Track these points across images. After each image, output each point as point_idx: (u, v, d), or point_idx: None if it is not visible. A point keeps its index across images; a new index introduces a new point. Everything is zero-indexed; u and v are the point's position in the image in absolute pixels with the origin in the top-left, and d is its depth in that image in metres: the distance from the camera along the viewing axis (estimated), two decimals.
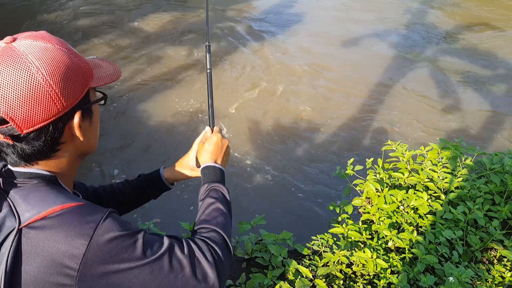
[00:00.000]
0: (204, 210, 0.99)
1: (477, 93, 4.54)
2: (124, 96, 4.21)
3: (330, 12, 6.60)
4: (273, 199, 3.12)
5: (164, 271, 0.77)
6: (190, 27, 5.81)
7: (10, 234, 0.70)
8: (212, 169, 1.12)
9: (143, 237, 0.78)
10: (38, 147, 0.77)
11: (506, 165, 2.18)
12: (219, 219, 0.96)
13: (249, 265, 1.97)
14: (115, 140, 3.62)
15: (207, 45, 1.39)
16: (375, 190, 2.04)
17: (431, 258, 1.76)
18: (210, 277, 0.82)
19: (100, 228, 0.72)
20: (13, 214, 0.71)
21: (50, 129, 0.77)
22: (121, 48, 5.13)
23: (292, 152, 3.59)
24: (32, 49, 0.74)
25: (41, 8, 6.08)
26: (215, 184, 1.07)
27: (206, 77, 1.33)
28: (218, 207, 0.99)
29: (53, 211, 0.72)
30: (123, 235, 0.75)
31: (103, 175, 3.24)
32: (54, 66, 0.74)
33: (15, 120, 0.72)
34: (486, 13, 6.65)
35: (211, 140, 1.18)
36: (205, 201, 1.02)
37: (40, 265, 0.69)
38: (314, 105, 4.21)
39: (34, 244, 0.70)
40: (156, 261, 0.77)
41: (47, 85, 0.73)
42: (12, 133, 0.74)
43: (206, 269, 0.82)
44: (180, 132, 3.74)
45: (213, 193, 1.04)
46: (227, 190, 1.07)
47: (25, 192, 0.75)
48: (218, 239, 0.90)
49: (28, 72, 0.72)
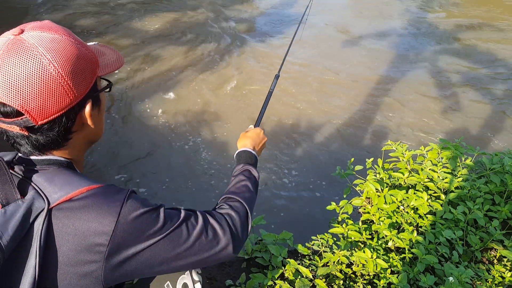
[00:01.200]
0: (235, 184, 1.11)
1: (477, 93, 4.54)
2: (124, 97, 4.21)
3: (330, 12, 6.60)
4: (272, 199, 3.12)
5: (182, 238, 0.84)
6: (190, 27, 5.81)
7: (40, 214, 0.72)
8: (250, 154, 1.24)
9: (164, 212, 0.83)
10: (52, 137, 0.80)
11: (506, 165, 2.18)
12: (247, 195, 1.07)
13: (249, 265, 1.97)
14: (115, 140, 3.62)
15: (277, 75, 1.70)
16: (375, 190, 2.04)
17: (431, 258, 1.76)
18: (224, 243, 0.90)
19: (125, 206, 0.78)
20: (41, 196, 0.74)
21: (63, 120, 0.79)
22: (121, 48, 5.13)
23: (291, 151, 3.59)
24: (41, 41, 0.74)
25: (40, 7, 6.08)
26: (250, 166, 1.18)
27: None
28: (248, 184, 1.10)
29: (80, 192, 0.76)
30: (146, 211, 0.80)
31: (102, 176, 3.24)
32: (64, 57, 0.75)
33: (30, 112, 0.74)
34: (486, 13, 6.65)
35: (255, 130, 1.37)
36: (238, 177, 1.13)
37: (71, 244, 0.73)
38: (314, 105, 4.21)
39: (65, 225, 0.73)
40: (174, 231, 0.83)
41: (59, 76, 0.75)
42: (27, 124, 0.76)
43: (220, 237, 0.90)
44: (181, 132, 3.74)
45: (247, 172, 1.15)
46: (258, 174, 1.18)
47: (49, 176, 0.78)
48: (241, 209, 1.00)
49: (40, 64, 0.73)
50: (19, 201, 0.72)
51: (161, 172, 3.23)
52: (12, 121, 0.75)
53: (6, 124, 0.76)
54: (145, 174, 3.18)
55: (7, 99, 0.72)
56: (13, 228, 0.69)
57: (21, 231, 0.70)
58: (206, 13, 6.31)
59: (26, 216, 0.71)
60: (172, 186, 3.15)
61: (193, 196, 3.07)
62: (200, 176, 3.24)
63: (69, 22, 5.70)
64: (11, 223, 0.69)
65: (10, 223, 0.69)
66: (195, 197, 3.07)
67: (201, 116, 3.96)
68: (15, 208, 0.71)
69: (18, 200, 0.72)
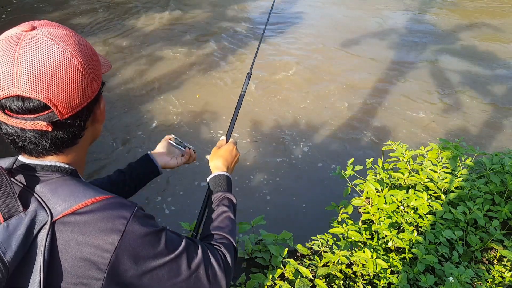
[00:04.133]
0: (217, 217, 1.07)
1: (477, 93, 4.54)
2: (124, 96, 4.21)
3: (329, 12, 6.61)
4: (272, 199, 3.12)
5: (181, 269, 0.82)
6: (190, 27, 5.81)
7: (43, 227, 0.70)
8: (225, 178, 1.19)
9: (166, 236, 0.82)
10: (72, 132, 0.78)
11: (506, 165, 2.18)
12: (231, 227, 1.05)
13: (249, 265, 1.97)
14: (114, 141, 3.62)
15: (249, 73, 1.57)
16: (375, 190, 2.04)
17: (431, 258, 1.76)
18: (220, 279, 0.90)
19: (130, 225, 0.75)
20: (44, 208, 0.71)
21: (84, 113, 0.78)
22: (120, 48, 5.13)
23: (291, 151, 3.59)
24: (58, 37, 0.73)
25: (39, 6, 6.08)
26: (228, 194, 1.14)
27: (238, 98, 1.49)
28: (230, 216, 1.08)
29: (84, 204, 0.73)
30: (150, 233, 0.78)
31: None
32: (82, 51, 0.75)
33: (57, 105, 0.71)
34: (486, 13, 6.65)
35: (227, 147, 1.27)
36: (219, 209, 1.09)
37: (73, 259, 0.72)
38: (314, 105, 4.21)
39: (68, 239, 0.71)
40: (175, 259, 0.81)
41: (83, 69, 0.74)
42: (52, 119, 0.73)
43: (217, 271, 0.89)
44: (181, 132, 3.74)
45: (226, 201, 1.11)
46: (236, 199, 1.15)
47: (52, 186, 0.75)
48: (229, 246, 0.99)
49: (65, 57, 0.72)
50: (22, 213, 0.69)
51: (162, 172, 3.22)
52: (36, 116, 0.72)
53: (28, 121, 0.72)
54: None
55: (33, 93, 0.69)
56: (16, 244, 0.67)
57: (24, 246, 0.68)
58: (206, 13, 6.31)
59: (29, 230, 0.69)
60: (174, 186, 3.16)
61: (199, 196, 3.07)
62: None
63: (68, 21, 5.70)
64: (14, 238, 0.67)
65: (13, 238, 0.67)
66: (195, 198, 3.08)
67: (202, 117, 3.96)
68: (17, 221, 0.69)
69: (21, 212, 0.69)
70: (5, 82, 0.69)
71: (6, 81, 0.69)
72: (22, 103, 0.70)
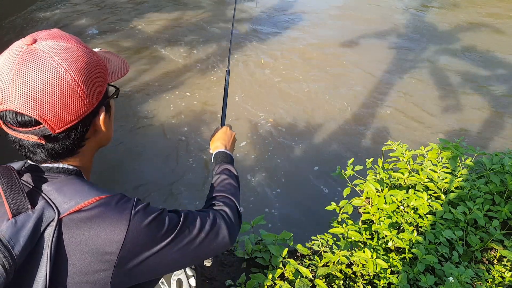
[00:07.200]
0: (219, 183, 1.16)
1: (477, 93, 4.54)
2: (124, 97, 4.21)
3: (329, 13, 6.60)
4: (273, 199, 3.12)
5: (186, 239, 0.87)
6: (190, 27, 5.81)
7: (50, 223, 0.73)
8: (224, 154, 1.30)
9: (167, 216, 0.87)
10: (67, 145, 0.81)
11: (506, 165, 2.18)
12: (232, 190, 1.14)
13: (249, 265, 1.97)
14: (115, 141, 3.62)
15: (227, 70, 1.71)
16: (375, 190, 2.04)
17: (431, 258, 1.76)
18: (222, 234, 0.96)
19: (134, 214, 0.79)
20: (51, 206, 0.74)
21: (79, 127, 0.80)
22: (121, 49, 5.13)
23: (291, 151, 3.59)
24: (56, 50, 0.75)
25: (40, 7, 6.08)
26: (228, 165, 1.24)
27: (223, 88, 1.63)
28: (231, 182, 1.17)
29: (90, 202, 0.76)
30: (153, 218, 0.82)
31: (110, 179, 3.24)
32: (79, 66, 0.76)
33: (48, 121, 0.74)
34: (485, 13, 6.65)
35: (221, 130, 1.40)
36: (220, 176, 1.18)
37: (81, 254, 0.74)
38: (314, 105, 4.21)
39: (75, 235, 0.74)
40: (178, 232, 0.86)
41: (76, 85, 0.75)
42: (44, 133, 0.77)
43: (217, 228, 0.95)
44: (182, 132, 3.74)
45: (227, 171, 1.21)
46: (237, 171, 1.24)
47: (58, 185, 0.78)
48: (231, 204, 1.07)
49: (57, 73, 0.73)
50: (29, 211, 0.72)
51: (164, 172, 3.23)
52: (29, 130, 0.75)
53: (23, 133, 0.76)
54: (145, 173, 3.18)
55: (24, 109, 0.72)
56: (24, 239, 0.69)
57: (32, 241, 0.71)
58: (206, 13, 6.31)
59: (36, 226, 0.72)
60: (176, 184, 3.16)
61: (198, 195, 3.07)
62: (205, 176, 3.24)
63: (69, 22, 5.70)
64: (22, 233, 0.70)
65: (21, 233, 0.70)
66: (200, 196, 3.08)
67: (203, 117, 3.96)
68: (25, 218, 0.71)
69: (29, 210, 0.72)
70: (3, 96, 0.73)
71: (3, 95, 0.73)
72: (16, 117, 0.74)
